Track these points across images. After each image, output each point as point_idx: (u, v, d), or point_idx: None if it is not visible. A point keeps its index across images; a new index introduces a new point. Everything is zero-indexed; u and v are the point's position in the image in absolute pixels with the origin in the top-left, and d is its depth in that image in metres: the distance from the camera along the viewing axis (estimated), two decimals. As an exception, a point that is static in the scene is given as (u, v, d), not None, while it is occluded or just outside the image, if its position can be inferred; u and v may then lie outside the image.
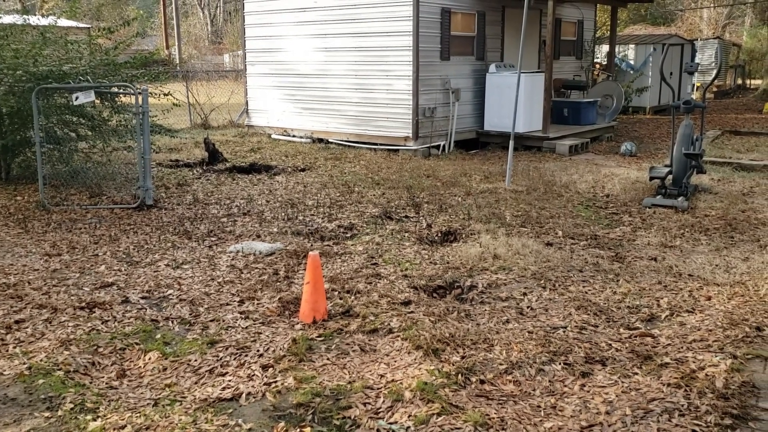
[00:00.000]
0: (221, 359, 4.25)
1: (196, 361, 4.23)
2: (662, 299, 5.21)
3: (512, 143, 9.79)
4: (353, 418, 3.55)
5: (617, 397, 3.75)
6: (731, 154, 12.34)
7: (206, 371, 4.10)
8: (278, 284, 5.59)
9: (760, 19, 30.89)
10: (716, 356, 4.20)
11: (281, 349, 4.36)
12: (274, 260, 6.22)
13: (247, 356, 4.29)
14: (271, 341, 4.50)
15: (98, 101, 9.47)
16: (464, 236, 6.97)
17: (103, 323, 4.80)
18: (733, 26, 41.55)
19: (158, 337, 4.58)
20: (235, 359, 4.25)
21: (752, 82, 30.82)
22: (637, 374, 4.01)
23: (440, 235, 7.08)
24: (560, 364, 4.14)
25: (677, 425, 3.45)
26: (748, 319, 4.77)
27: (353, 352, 4.34)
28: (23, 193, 8.96)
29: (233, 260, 6.24)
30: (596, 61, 19.28)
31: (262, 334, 4.63)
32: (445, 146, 12.99)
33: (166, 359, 4.25)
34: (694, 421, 3.48)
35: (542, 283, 5.59)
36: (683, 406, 3.62)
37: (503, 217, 7.73)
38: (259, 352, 4.34)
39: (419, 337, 4.41)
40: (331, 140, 13.80)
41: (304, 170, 10.98)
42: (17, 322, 4.78)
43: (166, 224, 7.53)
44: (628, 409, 3.61)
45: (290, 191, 9.29)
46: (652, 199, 8.45)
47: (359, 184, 9.72)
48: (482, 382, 3.92)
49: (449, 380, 3.90)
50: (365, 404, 3.68)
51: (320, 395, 3.77)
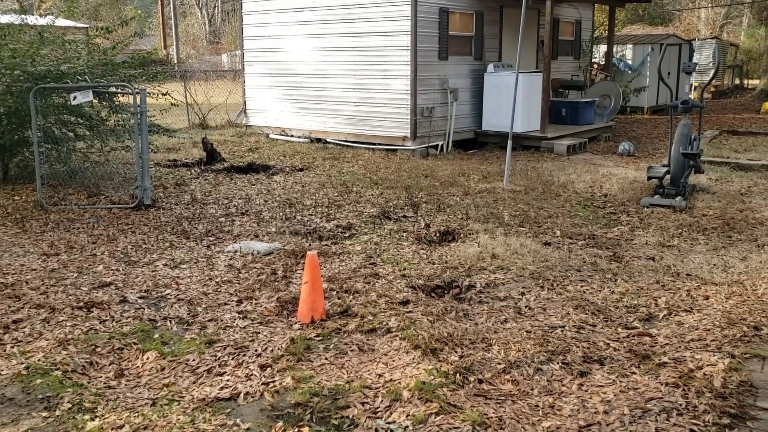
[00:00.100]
0: (219, 359, 4.25)
1: (194, 360, 4.23)
2: (660, 299, 5.21)
3: (510, 143, 9.80)
4: (351, 417, 3.55)
5: (615, 396, 3.75)
6: (729, 153, 12.35)
7: (204, 371, 4.10)
8: (276, 284, 5.59)
9: (757, 19, 30.93)
10: (714, 355, 4.20)
11: (279, 348, 4.36)
12: (272, 260, 6.22)
13: (245, 356, 4.29)
14: (269, 341, 4.50)
15: (96, 101, 9.46)
16: (462, 236, 6.97)
17: (101, 323, 4.79)
18: (730, 26, 41.61)
19: (156, 336, 4.58)
20: (233, 359, 4.25)
21: (750, 82, 30.86)
22: (635, 374, 4.01)
23: (438, 234, 7.08)
24: (558, 363, 4.14)
25: (675, 425, 3.45)
26: (745, 318, 4.78)
27: (351, 351, 4.34)
28: (21, 192, 8.95)
29: (231, 260, 6.23)
30: (594, 61, 19.30)
31: (260, 333, 4.62)
32: (443, 146, 12.99)
33: (164, 359, 4.24)
34: (692, 420, 3.49)
35: (540, 282, 5.59)
36: (681, 405, 3.63)
37: (501, 216, 7.73)
38: (257, 351, 4.34)
39: (417, 336, 4.42)
40: (329, 140, 13.79)
41: (302, 170, 10.98)
42: (15, 321, 4.77)
43: (164, 224, 7.52)
44: (626, 408, 3.61)
45: (288, 191, 9.29)
46: (650, 198, 8.46)
47: (357, 183, 9.72)
48: (480, 381, 3.92)
49: (447, 380, 3.90)
50: (363, 404, 3.68)
51: (318, 395, 3.77)
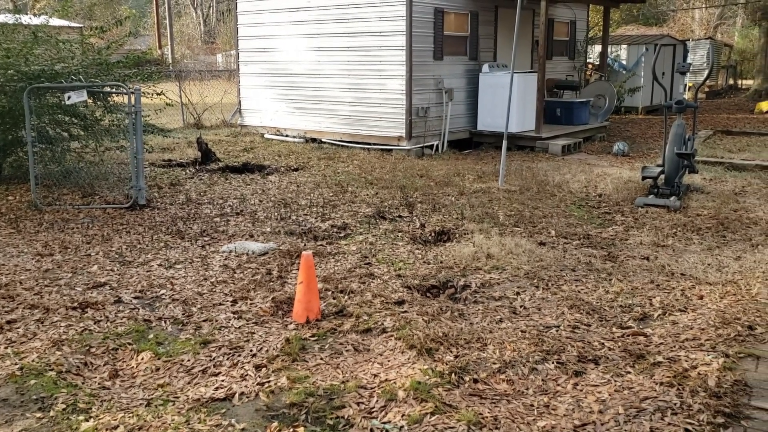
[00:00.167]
0: (214, 359, 4.24)
1: (189, 361, 4.22)
2: (655, 298, 5.22)
3: (505, 143, 9.81)
4: (347, 417, 3.55)
5: (610, 396, 3.76)
6: (723, 153, 12.39)
7: (199, 371, 4.09)
8: (271, 284, 5.58)
9: (751, 19, 31.03)
10: (708, 355, 4.21)
11: (274, 348, 4.36)
12: (267, 260, 6.21)
13: (240, 356, 4.28)
14: (264, 341, 4.49)
15: (90, 101, 9.43)
16: (457, 236, 6.97)
17: (95, 323, 4.78)
18: (724, 27, 41.77)
19: (151, 337, 4.57)
20: (228, 359, 4.24)
21: (744, 82, 30.97)
22: (629, 373, 4.02)
23: (434, 234, 7.08)
24: (553, 363, 4.14)
25: (670, 424, 3.46)
26: (740, 318, 4.79)
27: (347, 351, 4.34)
28: (15, 192, 8.91)
29: (226, 260, 6.22)
30: (589, 61, 19.34)
31: (255, 334, 4.62)
32: (438, 146, 12.99)
33: (158, 359, 4.23)
34: (686, 419, 3.50)
35: (535, 282, 5.60)
36: (676, 404, 3.64)
37: (496, 216, 7.74)
38: (252, 352, 4.34)
39: (413, 336, 4.42)
40: (324, 140, 13.79)
41: (297, 170, 10.97)
42: (9, 322, 4.75)
43: (158, 224, 7.51)
44: (621, 407, 3.62)
45: (283, 191, 9.28)
46: (644, 198, 8.48)
47: (352, 183, 9.72)
48: (476, 381, 3.92)
49: (443, 379, 3.90)
50: (359, 404, 3.68)
51: (314, 395, 3.76)
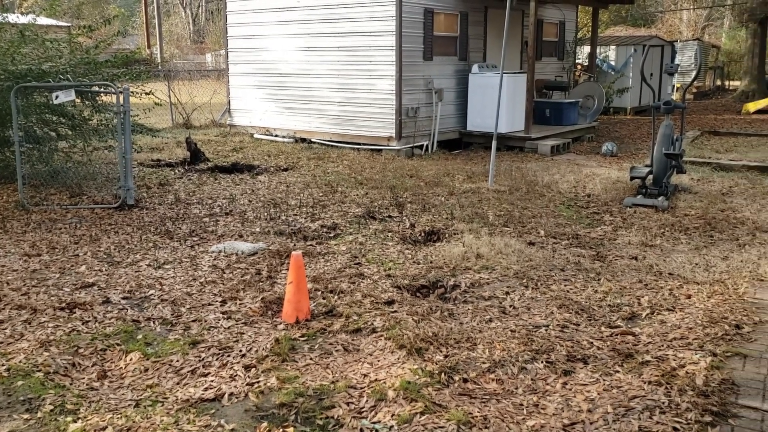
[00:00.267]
0: (203, 360, 4.23)
1: (178, 361, 4.20)
2: (643, 298, 5.25)
3: (495, 143, 9.83)
4: (336, 417, 3.54)
5: (599, 395, 3.77)
6: (710, 154, 12.47)
7: (188, 372, 4.08)
8: (261, 284, 5.57)
9: (738, 21, 31.27)
10: (696, 354, 4.24)
11: (264, 349, 4.35)
12: (256, 260, 6.19)
13: (229, 356, 4.27)
14: (253, 341, 4.48)
15: (78, 100, 9.38)
16: (447, 236, 6.98)
17: (83, 324, 4.75)
18: (712, 28, 42.05)
19: (140, 337, 4.55)
20: (217, 359, 4.23)
21: (731, 83, 31.17)
22: (618, 372, 4.04)
23: (423, 234, 7.09)
24: (542, 362, 4.16)
25: (658, 422, 3.48)
26: (727, 317, 4.82)
27: (336, 351, 4.34)
28: (2, 193, 8.84)
29: (215, 260, 6.20)
30: (578, 62, 19.41)
31: (244, 334, 4.60)
32: (428, 146, 13.01)
33: (147, 360, 4.21)
34: (674, 418, 3.52)
35: (524, 282, 5.61)
36: (664, 403, 3.66)
37: (486, 216, 7.75)
38: (241, 352, 4.32)
39: (402, 336, 4.42)
40: (313, 140, 13.77)
41: (286, 170, 10.95)
42: (-4, 323, 4.72)
43: (147, 224, 7.47)
44: (609, 406, 3.64)
45: (273, 191, 9.26)
46: (632, 198, 8.52)
47: (342, 183, 9.71)
48: (465, 380, 3.93)
49: (432, 379, 3.91)
50: (348, 404, 3.68)
51: (303, 395, 3.76)
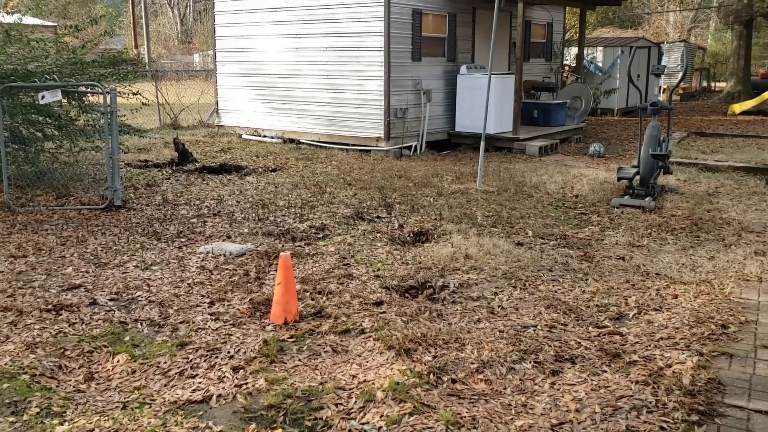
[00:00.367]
0: (191, 361, 4.21)
1: (165, 363, 4.18)
2: (630, 298, 5.28)
3: (483, 144, 9.86)
4: (325, 419, 3.54)
5: (587, 394, 3.79)
6: (697, 155, 12.55)
7: (176, 373, 4.06)
8: (249, 285, 5.56)
9: (724, 23, 31.53)
10: (683, 354, 4.27)
11: (252, 350, 4.33)
12: (244, 261, 6.17)
13: (217, 358, 4.25)
14: (241, 343, 4.46)
15: (65, 100, 9.31)
16: (436, 236, 6.99)
17: (70, 326, 4.72)
18: (698, 30, 42.35)
19: (127, 339, 4.52)
20: (205, 361, 4.21)
21: (717, 84, 31.43)
22: (605, 372, 4.06)
23: (412, 235, 7.09)
24: (530, 362, 4.17)
25: (645, 422, 3.50)
26: (713, 317, 4.86)
27: (325, 353, 4.33)
28: (-13, 193, 8.77)
29: (203, 261, 6.18)
30: (565, 63, 19.50)
31: (232, 335, 4.59)
32: (416, 147, 13.02)
33: (134, 362, 4.19)
34: (661, 417, 3.54)
35: (513, 282, 5.63)
36: (651, 403, 3.68)
37: (474, 217, 7.77)
38: (229, 353, 4.31)
39: (391, 337, 4.42)
40: (302, 140, 13.75)
41: (275, 170, 10.93)
42: (-19, 325, 4.68)
43: (134, 225, 7.43)
44: (597, 406, 3.66)
45: (261, 192, 9.24)
46: (619, 199, 8.56)
47: (331, 184, 9.70)
48: (454, 381, 3.94)
49: (421, 380, 3.91)
50: (337, 405, 3.67)
51: (292, 396, 3.75)
